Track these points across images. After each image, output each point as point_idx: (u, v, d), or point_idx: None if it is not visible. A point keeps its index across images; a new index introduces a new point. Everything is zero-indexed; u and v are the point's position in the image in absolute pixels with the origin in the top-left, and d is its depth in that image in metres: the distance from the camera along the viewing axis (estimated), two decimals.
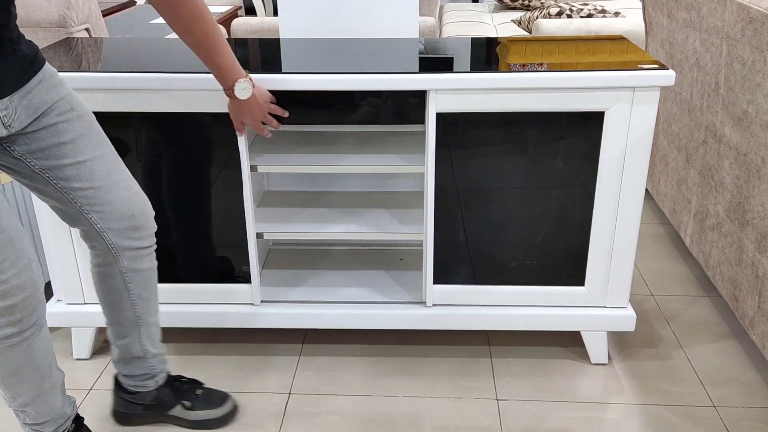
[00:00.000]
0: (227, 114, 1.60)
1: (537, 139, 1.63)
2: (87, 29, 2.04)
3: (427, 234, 1.73)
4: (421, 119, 1.82)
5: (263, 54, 1.79)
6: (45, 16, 1.99)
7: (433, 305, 1.80)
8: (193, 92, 1.60)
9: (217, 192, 1.72)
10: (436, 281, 1.78)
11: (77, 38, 1.97)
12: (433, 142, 1.63)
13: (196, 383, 1.68)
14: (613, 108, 1.57)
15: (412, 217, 1.88)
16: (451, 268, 1.77)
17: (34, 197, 1.72)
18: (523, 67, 1.57)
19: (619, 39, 1.83)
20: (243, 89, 1.48)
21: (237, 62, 1.47)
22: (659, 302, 2.11)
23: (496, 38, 1.89)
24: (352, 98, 1.82)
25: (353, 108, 1.83)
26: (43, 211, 1.73)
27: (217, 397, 1.66)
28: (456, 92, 1.57)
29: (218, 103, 1.61)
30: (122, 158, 1.68)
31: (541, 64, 1.59)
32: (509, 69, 1.57)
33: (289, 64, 1.68)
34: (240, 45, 1.86)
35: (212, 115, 1.64)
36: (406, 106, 1.82)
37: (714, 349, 1.90)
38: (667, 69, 1.53)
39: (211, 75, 1.53)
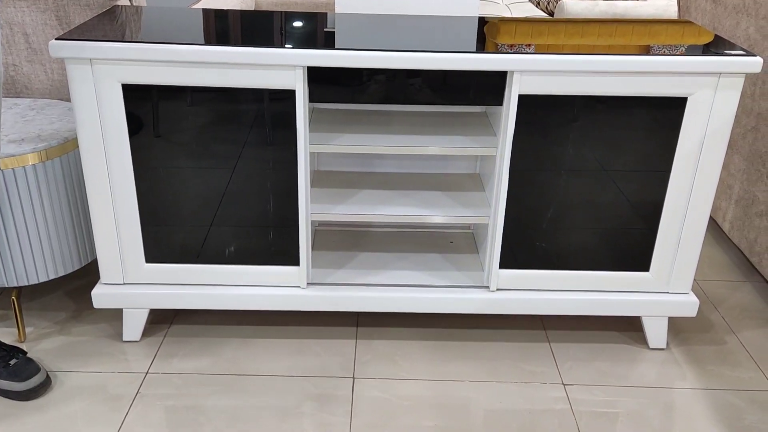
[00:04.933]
0: (281, 91, 1.54)
1: (610, 123, 1.61)
2: None
3: (497, 218, 1.71)
4: (468, 100, 1.75)
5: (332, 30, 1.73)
6: None
7: (497, 289, 1.78)
8: (245, 66, 1.53)
9: (267, 171, 1.66)
10: (501, 265, 1.76)
11: (121, 6, 1.87)
12: (513, 123, 1.60)
13: (15, 351, 1.66)
14: (697, 94, 1.56)
15: (472, 200, 1.85)
16: (515, 252, 1.75)
17: (86, 176, 1.64)
18: (511, 48, 1.55)
19: (686, 23, 1.81)
20: None
21: None
22: (703, 287, 2.13)
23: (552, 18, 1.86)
24: (401, 77, 1.75)
25: (403, 87, 1.77)
26: (93, 192, 1.65)
27: (28, 371, 1.63)
28: (540, 74, 1.53)
29: (271, 79, 1.54)
30: (169, 134, 1.61)
31: (529, 45, 1.56)
32: (497, 49, 1.53)
33: (344, 39, 1.62)
34: (294, 18, 1.79)
35: (266, 92, 1.57)
36: (457, 87, 1.77)
37: (765, 334, 1.92)
38: (755, 55, 1.52)
39: (267, 49, 1.49)
